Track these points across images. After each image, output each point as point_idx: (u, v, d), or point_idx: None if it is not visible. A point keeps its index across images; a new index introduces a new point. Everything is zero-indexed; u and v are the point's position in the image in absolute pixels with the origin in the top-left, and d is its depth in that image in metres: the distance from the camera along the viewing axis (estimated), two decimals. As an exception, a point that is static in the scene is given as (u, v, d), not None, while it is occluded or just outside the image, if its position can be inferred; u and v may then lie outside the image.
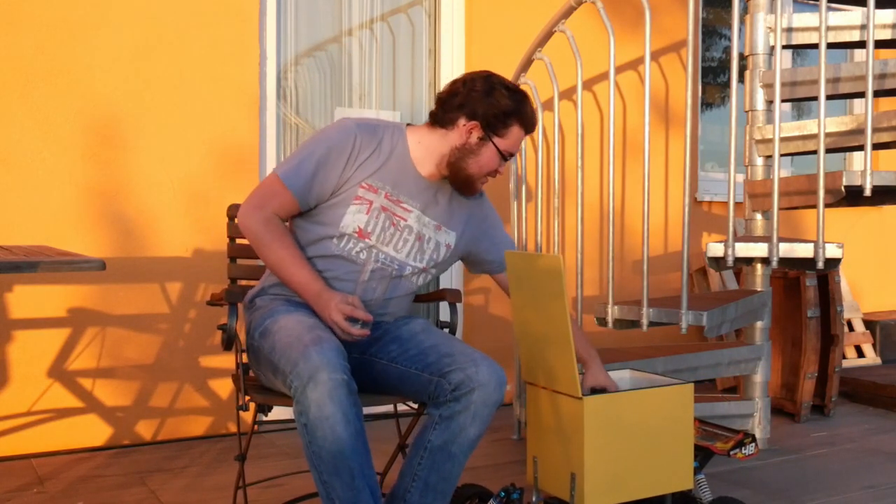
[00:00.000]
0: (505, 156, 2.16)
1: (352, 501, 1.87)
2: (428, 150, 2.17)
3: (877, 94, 3.12)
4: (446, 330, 2.36)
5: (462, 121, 2.13)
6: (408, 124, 2.23)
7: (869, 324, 4.96)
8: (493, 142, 2.13)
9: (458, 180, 2.17)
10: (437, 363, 2.02)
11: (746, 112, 3.43)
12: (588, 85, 4.20)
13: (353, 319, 2.00)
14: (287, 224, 2.18)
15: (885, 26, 3.28)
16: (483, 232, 2.32)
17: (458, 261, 2.36)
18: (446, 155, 2.15)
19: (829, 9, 3.04)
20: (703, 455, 2.33)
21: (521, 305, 2.15)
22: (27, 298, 3.15)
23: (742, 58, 3.34)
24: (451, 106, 2.15)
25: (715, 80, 4.95)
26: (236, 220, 2.12)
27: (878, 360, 4.86)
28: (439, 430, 1.99)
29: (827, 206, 2.91)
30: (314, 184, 2.08)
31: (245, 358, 2.23)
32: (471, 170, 2.15)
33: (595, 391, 2.18)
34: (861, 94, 3.23)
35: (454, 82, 2.18)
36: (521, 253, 2.11)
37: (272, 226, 2.07)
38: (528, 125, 2.17)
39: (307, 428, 1.84)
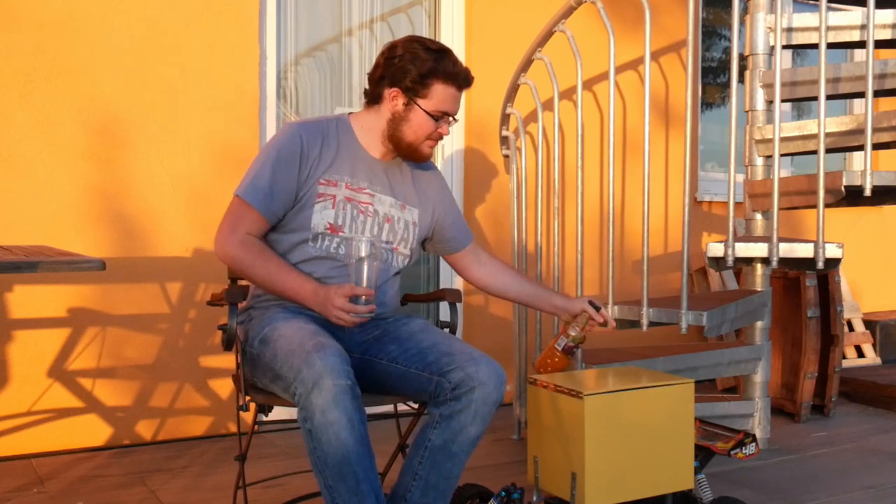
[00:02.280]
0: (435, 116, 2.14)
1: None
2: (371, 130, 2.20)
3: (877, 94, 3.12)
4: (446, 330, 2.35)
5: (386, 92, 2.15)
6: (350, 113, 2.25)
7: (869, 324, 4.96)
8: (417, 104, 2.13)
9: (402, 150, 2.19)
10: (437, 362, 2.02)
11: (746, 112, 3.43)
12: (588, 85, 4.19)
13: (354, 301, 1.99)
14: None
15: (885, 26, 3.28)
16: (444, 209, 2.35)
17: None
18: (385, 130, 2.18)
19: (829, 9, 3.04)
20: (703, 455, 2.33)
21: None
22: (27, 298, 3.15)
23: (742, 58, 3.34)
24: (375, 80, 2.18)
25: (715, 80, 4.96)
26: (215, 253, 2.10)
27: (878, 360, 4.86)
28: (440, 429, 1.99)
29: (827, 206, 2.91)
30: (275, 194, 2.08)
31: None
32: (408, 137, 2.16)
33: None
34: (861, 94, 3.23)
35: (378, 56, 2.19)
36: None
37: (249, 245, 2.07)
38: (452, 79, 2.14)
39: (312, 434, 1.84)
